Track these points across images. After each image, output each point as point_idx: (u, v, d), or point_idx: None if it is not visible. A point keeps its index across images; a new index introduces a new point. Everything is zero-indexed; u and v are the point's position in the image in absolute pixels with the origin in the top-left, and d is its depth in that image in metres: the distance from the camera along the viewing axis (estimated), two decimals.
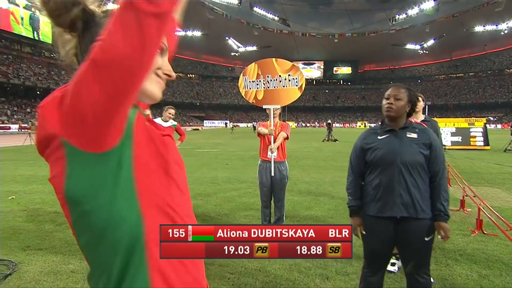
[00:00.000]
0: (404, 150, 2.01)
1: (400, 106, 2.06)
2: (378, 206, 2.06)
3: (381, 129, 2.16)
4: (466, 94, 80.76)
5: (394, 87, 2.12)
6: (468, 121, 17.47)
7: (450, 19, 76.67)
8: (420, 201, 1.99)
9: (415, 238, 2.02)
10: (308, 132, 43.75)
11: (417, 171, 2.00)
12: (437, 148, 2.05)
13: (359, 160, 2.20)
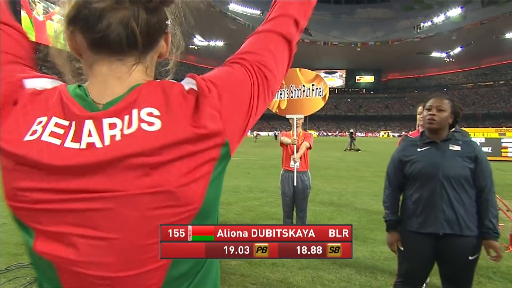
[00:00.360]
0: (446, 163, 1.91)
1: (443, 117, 1.96)
2: (419, 221, 1.96)
3: (420, 141, 2.06)
4: (495, 103, 77.73)
5: (436, 97, 2.02)
6: (499, 131, 16.78)
7: (478, 26, 74.43)
8: (465, 217, 1.88)
9: (459, 256, 1.91)
10: (329, 141, 43.28)
11: (461, 186, 1.89)
12: (483, 161, 1.93)
13: (397, 173, 2.10)
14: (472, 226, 1.89)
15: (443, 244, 1.93)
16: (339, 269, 3.42)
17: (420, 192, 1.96)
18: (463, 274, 1.94)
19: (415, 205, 1.98)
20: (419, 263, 2.00)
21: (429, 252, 1.96)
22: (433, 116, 1.96)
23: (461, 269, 1.93)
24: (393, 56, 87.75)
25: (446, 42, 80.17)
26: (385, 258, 3.66)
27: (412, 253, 2.01)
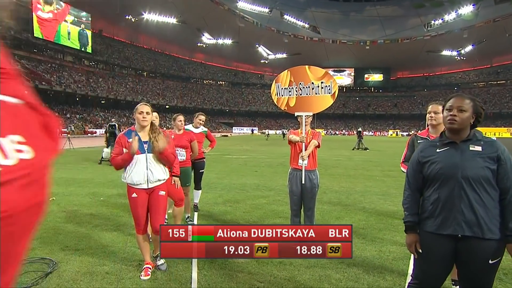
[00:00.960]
0: (466, 164, 1.86)
1: (465, 118, 1.91)
2: (437, 222, 1.92)
3: (440, 141, 2.02)
4: (507, 102, 76.36)
5: (458, 97, 1.97)
6: (511, 130, 16.49)
7: (490, 24, 73.15)
8: (487, 220, 1.81)
9: (479, 260, 1.84)
10: (337, 140, 43.04)
11: (482, 187, 1.83)
12: (507, 161, 1.85)
13: (416, 174, 2.06)
14: (495, 228, 1.82)
15: (462, 247, 1.87)
16: (347, 268, 3.40)
17: (439, 193, 1.92)
18: (483, 278, 1.88)
19: (433, 206, 1.94)
20: (436, 265, 1.95)
21: (448, 254, 1.91)
22: (454, 116, 1.91)
23: (481, 272, 1.86)
24: (403, 54, 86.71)
25: (457, 40, 78.93)
26: (394, 258, 3.63)
27: (430, 254, 1.96)
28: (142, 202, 3.16)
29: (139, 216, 3.17)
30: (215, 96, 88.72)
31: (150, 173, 3.11)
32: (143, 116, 3.11)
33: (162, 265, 3.30)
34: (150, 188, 3.16)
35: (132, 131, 3.17)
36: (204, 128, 5.50)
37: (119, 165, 3.08)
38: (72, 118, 48.63)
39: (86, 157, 15.00)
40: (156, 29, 76.00)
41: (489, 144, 1.90)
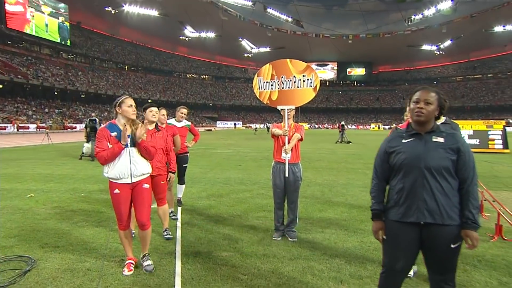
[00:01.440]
0: (429, 155, 1.95)
1: (431, 110, 2.00)
2: (401, 211, 2.00)
3: (406, 132, 2.10)
4: (484, 96, 78.82)
5: (424, 90, 2.05)
6: (487, 123, 17.04)
7: (468, 19, 74.98)
8: (447, 207, 1.92)
9: (441, 245, 1.95)
10: (321, 133, 43.47)
11: (442, 177, 1.93)
12: (466, 153, 1.96)
13: (383, 164, 2.14)
14: (454, 215, 1.93)
15: (426, 233, 1.97)
16: (330, 259, 3.46)
17: (403, 183, 2.00)
18: (446, 262, 1.98)
19: (398, 195, 2.03)
20: (402, 252, 2.03)
21: (413, 241, 2.00)
22: (421, 109, 1.99)
23: (444, 257, 1.97)
24: (384, 48, 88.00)
25: (436, 35, 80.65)
26: (375, 248, 3.71)
27: (396, 242, 2.05)
28: (125, 198, 3.07)
29: (122, 212, 3.09)
30: (198, 90, 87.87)
31: (133, 167, 3.04)
32: (132, 110, 3.05)
33: (149, 265, 3.16)
34: (134, 183, 3.08)
35: (113, 124, 3.06)
36: (187, 122, 5.43)
37: (109, 158, 2.97)
38: (50, 113, 47.25)
39: (66, 152, 14.63)
40: (137, 21, 74.36)
41: (451, 136, 1.99)
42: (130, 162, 3.03)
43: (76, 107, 53.91)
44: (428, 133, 2.02)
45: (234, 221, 4.78)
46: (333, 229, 4.44)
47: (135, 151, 3.07)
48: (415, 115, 2.02)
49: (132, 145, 3.06)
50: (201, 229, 4.39)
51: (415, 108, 2.02)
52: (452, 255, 1.97)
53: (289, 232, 4.11)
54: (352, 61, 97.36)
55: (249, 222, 4.74)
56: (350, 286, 2.90)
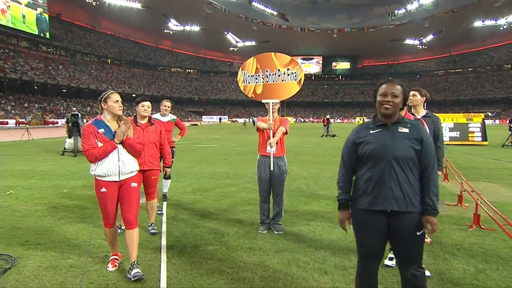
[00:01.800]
0: (395, 145, 2.02)
1: (398, 103, 2.07)
2: (369, 199, 2.06)
3: (373, 123, 2.16)
4: (464, 89, 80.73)
5: (389, 83, 2.11)
6: (467, 116, 17.49)
7: (449, 14, 76.39)
8: (411, 195, 2.00)
9: (407, 232, 2.02)
10: (307, 127, 43.74)
11: (407, 166, 2.01)
12: (428, 143, 2.06)
13: (351, 154, 2.19)
14: (416, 203, 2.01)
15: (393, 221, 2.04)
16: (315, 251, 3.51)
17: (371, 172, 2.06)
18: (413, 249, 2.05)
19: (366, 184, 2.08)
20: (372, 239, 2.10)
21: (381, 228, 2.07)
22: (389, 102, 2.06)
23: (410, 244, 2.04)
24: (369, 42, 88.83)
25: (419, 29, 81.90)
26: None
27: (366, 230, 2.11)
28: (111, 196, 2.96)
29: (108, 211, 2.99)
30: (183, 84, 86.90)
31: (122, 164, 2.95)
32: (119, 105, 2.95)
33: (138, 273, 2.87)
34: (121, 181, 2.98)
35: (99, 121, 2.94)
36: (173, 116, 5.36)
37: (100, 157, 2.85)
38: (30, 107, 45.95)
39: (47, 148, 14.28)
40: (120, 14, 72.70)
41: (415, 126, 2.08)
42: (118, 160, 2.93)
43: (57, 102, 52.53)
44: (394, 124, 2.09)
45: (220, 215, 4.78)
46: (318, 221, 4.50)
47: (123, 148, 2.98)
48: (383, 109, 2.07)
49: (120, 142, 2.97)
50: (186, 224, 4.37)
51: (383, 101, 2.07)
52: (418, 242, 2.05)
53: (275, 225, 4.14)
54: (337, 55, 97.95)
55: (235, 216, 4.75)
56: (334, 277, 2.95)
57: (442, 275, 2.97)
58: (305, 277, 2.94)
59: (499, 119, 62.40)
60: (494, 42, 79.41)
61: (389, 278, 2.91)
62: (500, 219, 3.49)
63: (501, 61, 79.69)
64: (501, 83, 75.61)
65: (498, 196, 5.96)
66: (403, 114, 3.15)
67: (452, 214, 4.84)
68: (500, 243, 3.70)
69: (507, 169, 9.09)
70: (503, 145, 15.47)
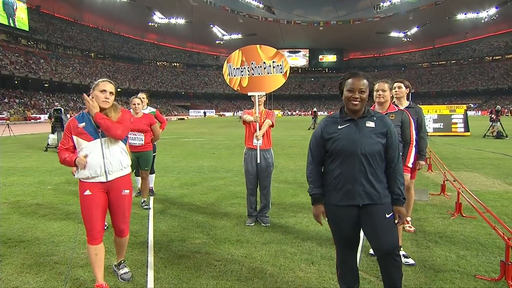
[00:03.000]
0: (364, 141, 2.04)
1: (365, 97, 2.07)
2: (340, 195, 2.09)
3: (340, 118, 2.15)
4: (448, 81, 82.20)
5: (356, 78, 2.10)
6: (450, 108, 17.85)
7: (433, 7, 77.34)
8: (380, 188, 2.06)
9: (378, 217, 2.06)
10: (294, 120, 43.90)
11: (376, 161, 2.05)
12: (393, 135, 2.09)
13: (320, 149, 2.18)
14: (387, 193, 2.08)
15: (364, 212, 2.08)
16: (301, 242, 3.55)
17: (341, 168, 2.07)
18: (386, 235, 2.06)
19: (336, 180, 2.09)
20: (346, 231, 2.13)
21: (353, 220, 2.10)
22: (356, 99, 2.06)
23: (383, 227, 2.06)
24: (354, 35, 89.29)
25: (403, 22, 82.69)
26: None
27: (340, 224, 2.14)
28: (98, 201, 2.51)
29: (93, 219, 2.50)
30: (169, 78, 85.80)
31: (108, 162, 2.51)
32: (105, 96, 2.51)
33: (126, 273, 2.78)
34: (110, 182, 2.55)
35: (85, 114, 2.56)
36: (152, 109, 5.29)
37: (62, 162, 2.54)
38: (11, 103, 44.66)
39: (30, 144, 13.95)
40: (102, 6, 71.04)
41: (380, 119, 2.11)
42: (103, 157, 2.50)
43: (39, 97, 51.21)
44: (361, 118, 2.10)
45: (208, 209, 4.78)
46: (305, 213, 4.54)
47: (109, 142, 2.54)
48: (352, 105, 2.07)
49: (104, 135, 2.52)
50: (174, 218, 4.36)
51: (350, 98, 2.07)
52: (389, 224, 2.07)
53: (262, 218, 4.16)
54: (323, 48, 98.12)
55: (223, 209, 4.75)
56: (321, 267, 2.99)
57: (425, 262, 3.05)
58: (292, 268, 2.98)
59: (481, 110, 63.92)
60: (475, 34, 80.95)
61: (374, 267, 2.97)
62: (480, 207, 3.59)
63: (483, 54, 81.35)
64: (482, 75, 77.31)
65: (479, 185, 6.13)
66: (387, 106, 3.22)
67: (435, 203, 4.96)
68: (480, 230, 3.82)
69: (487, 158, 9.34)
70: (484, 136, 15.88)
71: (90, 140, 2.49)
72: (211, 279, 2.77)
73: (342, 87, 2.15)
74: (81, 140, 2.49)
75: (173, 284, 2.71)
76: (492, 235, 3.61)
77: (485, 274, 2.83)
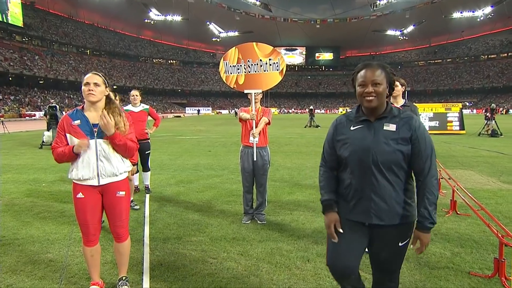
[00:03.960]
0: (377, 148, 1.65)
1: (381, 91, 1.67)
2: (349, 208, 1.77)
3: (356, 117, 1.78)
4: (443, 80, 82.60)
5: (368, 69, 1.70)
6: (445, 106, 17.94)
7: (429, 5, 77.57)
8: (397, 206, 1.68)
9: (389, 244, 1.74)
10: (290, 118, 43.92)
11: (392, 172, 1.66)
12: (422, 140, 1.66)
13: (332, 151, 1.85)
14: (405, 212, 1.69)
15: (374, 233, 1.75)
16: (297, 240, 3.55)
17: (350, 178, 1.74)
18: (392, 262, 1.80)
19: (346, 190, 1.79)
20: (347, 250, 1.77)
21: (359, 240, 1.78)
22: (370, 93, 1.66)
23: (391, 257, 1.77)
24: (351, 33, 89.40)
25: (400, 20, 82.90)
26: None
27: (340, 239, 1.78)
28: (91, 205, 2.40)
29: (88, 223, 2.41)
30: (166, 76, 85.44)
31: (101, 164, 2.36)
32: (88, 89, 2.32)
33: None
34: (103, 186, 2.40)
35: (79, 110, 2.42)
36: (145, 106, 5.26)
37: (58, 159, 2.36)
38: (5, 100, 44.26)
39: (24, 141, 13.85)
40: (98, 3, 70.52)
41: (405, 122, 1.68)
42: (97, 158, 2.35)
43: (34, 94, 50.78)
44: (379, 119, 1.71)
45: (204, 207, 4.77)
46: (301, 210, 4.55)
47: (104, 144, 2.38)
48: (366, 102, 1.69)
49: (100, 136, 2.37)
50: (170, 216, 4.35)
51: (363, 93, 1.68)
52: (399, 255, 1.78)
53: (258, 215, 4.17)
54: (320, 45, 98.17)
55: (219, 207, 4.75)
56: (316, 264, 3.00)
57: (419, 259, 3.07)
58: (288, 265, 2.98)
59: (476, 108, 64.32)
60: (471, 33, 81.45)
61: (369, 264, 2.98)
62: (475, 205, 3.62)
63: (478, 52, 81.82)
64: (478, 73, 77.77)
65: (474, 183, 6.17)
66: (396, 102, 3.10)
67: None
68: (474, 228, 3.85)
69: (482, 156, 9.41)
70: (479, 134, 15.99)
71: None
72: (207, 277, 2.77)
73: (354, 83, 1.77)
74: (75, 139, 2.33)
75: (168, 281, 2.71)
76: (486, 232, 3.64)
77: (479, 271, 2.85)
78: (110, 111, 2.42)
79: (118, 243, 2.55)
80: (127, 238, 2.59)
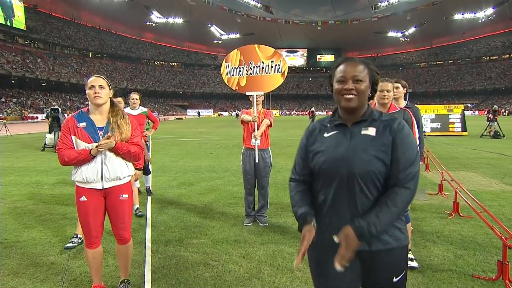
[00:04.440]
0: (354, 156, 1.35)
1: (363, 90, 1.39)
2: (322, 228, 1.42)
3: (330, 122, 1.50)
4: (445, 81, 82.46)
5: (349, 63, 1.42)
6: (447, 107, 17.90)
7: (430, 7, 77.59)
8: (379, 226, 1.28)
9: (380, 278, 1.39)
10: (292, 120, 43.91)
11: (372, 185, 1.35)
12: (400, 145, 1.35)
13: (304, 163, 1.54)
14: (393, 232, 1.37)
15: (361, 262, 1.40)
16: (299, 242, 3.53)
17: (324, 194, 1.43)
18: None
19: (320, 208, 1.46)
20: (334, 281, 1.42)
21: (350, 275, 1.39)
22: (350, 91, 1.38)
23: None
24: (352, 35, 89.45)
25: (401, 22, 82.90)
26: None
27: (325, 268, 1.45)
28: (94, 208, 2.39)
29: (90, 226, 2.40)
30: (167, 78, 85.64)
31: (106, 168, 2.35)
32: (94, 92, 2.31)
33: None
34: (106, 189, 2.40)
35: (84, 112, 2.41)
36: (144, 109, 5.26)
37: (70, 161, 2.29)
38: (7, 102, 44.43)
39: (27, 144, 13.89)
40: (100, 5, 70.83)
41: (386, 124, 1.39)
42: (101, 162, 2.35)
43: (36, 96, 50.98)
44: (357, 123, 1.42)
45: (205, 209, 4.76)
46: None
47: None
48: (344, 101, 1.39)
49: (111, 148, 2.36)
50: (171, 218, 4.34)
51: (341, 90, 1.40)
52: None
53: (260, 218, 4.16)
54: (321, 47, 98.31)
55: (221, 209, 4.74)
56: None
57: (422, 262, 3.05)
58: (290, 268, 2.97)
59: (478, 110, 64.17)
60: (473, 34, 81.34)
61: None
62: (478, 206, 3.60)
63: (480, 54, 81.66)
64: (480, 75, 77.60)
65: (476, 185, 6.14)
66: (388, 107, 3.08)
67: (433, 203, 4.97)
68: (477, 230, 3.83)
69: (484, 158, 9.37)
70: (481, 135, 15.93)
71: (90, 143, 2.32)
72: (209, 279, 2.76)
73: (332, 80, 1.47)
74: (80, 141, 2.31)
75: (170, 284, 2.70)
76: (489, 234, 3.62)
77: (482, 273, 2.83)
78: (113, 114, 2.42)
79: (121, 245, 2.56)
80: (130, 240, 2.59)
